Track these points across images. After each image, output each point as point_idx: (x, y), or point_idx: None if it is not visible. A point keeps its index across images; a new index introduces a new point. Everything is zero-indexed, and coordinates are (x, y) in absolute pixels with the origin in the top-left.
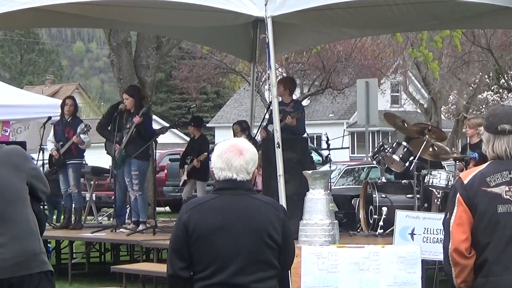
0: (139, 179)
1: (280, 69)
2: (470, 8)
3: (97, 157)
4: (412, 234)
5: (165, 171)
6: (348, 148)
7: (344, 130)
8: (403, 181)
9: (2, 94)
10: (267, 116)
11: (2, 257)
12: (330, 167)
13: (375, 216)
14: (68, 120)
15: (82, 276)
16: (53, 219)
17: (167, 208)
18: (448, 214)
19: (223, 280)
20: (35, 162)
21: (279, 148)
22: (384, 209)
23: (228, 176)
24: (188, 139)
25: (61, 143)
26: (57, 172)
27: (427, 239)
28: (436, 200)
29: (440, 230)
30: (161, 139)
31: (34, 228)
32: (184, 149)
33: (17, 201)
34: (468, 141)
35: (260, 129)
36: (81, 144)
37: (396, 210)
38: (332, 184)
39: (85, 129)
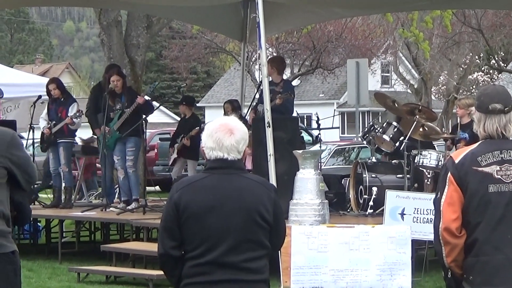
0: (134, 155)
1: (270, 49)
2: None
3: (87, 136)
4: (402, 214)
5: (155, 150)
6: (339, 128)
7: (334, 110)
8: (393, 161)
9: None
10: (257, 96)
11: None
12: (320, 147)
13: (365, 196)
14: (62, 99)
15: (72, 255)
16: None
17: (157, 187)
18: (439, 193)
19: (214, 259)
20: (25, 142)
21: (270, 127)
22: (374, 189)
23: (219, 156)
24: (178, 118)
25: (54, 122)
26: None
27: (417, 219)
28: (426, 180)
29: (431, 210)
30: (150, 118)
31: None
32: (175, 129)
33: None
34: (458, 121)
35: (250, 109)
36: (72, 124)
37: (386, 190)
38: (322, 164)
39: (78, 114)
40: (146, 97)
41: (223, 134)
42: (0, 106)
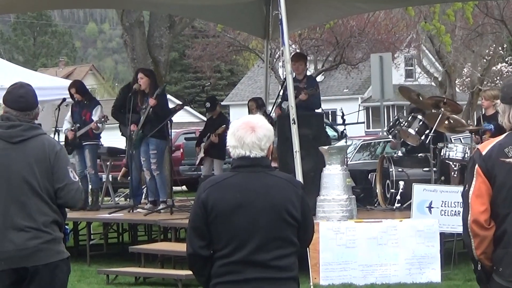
0: (157, 158)
1: (293, 46)
2: None
3: (113, 138)
4: (429, 207)
5: (181, 150)
6: (364, 123)
7: (359, 105)
8: (419, 155)
9: (16, 77)
10: (281, 93)
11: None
12: (346, 142)
13: (392, 190)
14: (85, 102)
15: (100, 257)
16: None
17: (184, 187)
18: (467, 185)
19: (243, 258)
20: None
21: (295, 124)
22: (401, 183)
23: (241, 154)
24: (203, 117)
25: (78, 125)
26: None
27: (445, 212)
28: (453, 172)
29: (458, 202)
30: (176, 118)
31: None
32: (200, 128)
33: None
34: (482, 113)
35: (275, 106)
36: (96, 129)
37: (413, 183)
38: (348, 159)
39: (103, 119)
40: (175, 101)
41: (244, 132)
42: None
